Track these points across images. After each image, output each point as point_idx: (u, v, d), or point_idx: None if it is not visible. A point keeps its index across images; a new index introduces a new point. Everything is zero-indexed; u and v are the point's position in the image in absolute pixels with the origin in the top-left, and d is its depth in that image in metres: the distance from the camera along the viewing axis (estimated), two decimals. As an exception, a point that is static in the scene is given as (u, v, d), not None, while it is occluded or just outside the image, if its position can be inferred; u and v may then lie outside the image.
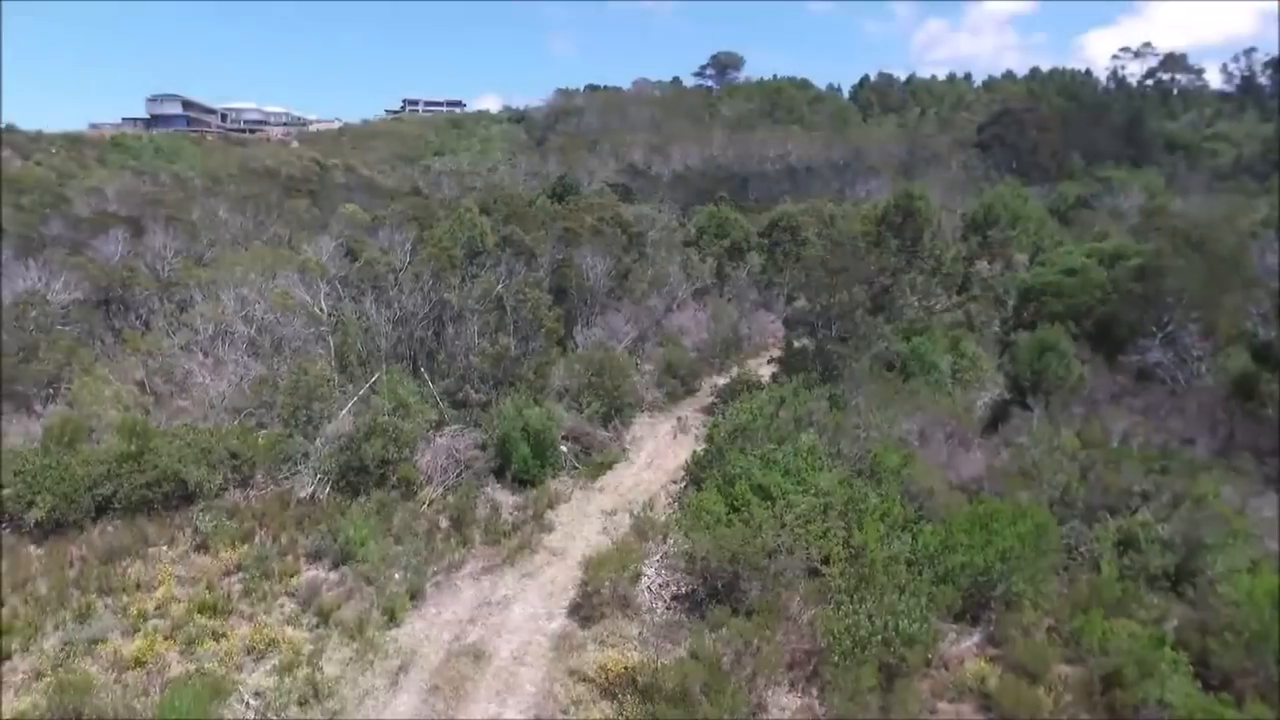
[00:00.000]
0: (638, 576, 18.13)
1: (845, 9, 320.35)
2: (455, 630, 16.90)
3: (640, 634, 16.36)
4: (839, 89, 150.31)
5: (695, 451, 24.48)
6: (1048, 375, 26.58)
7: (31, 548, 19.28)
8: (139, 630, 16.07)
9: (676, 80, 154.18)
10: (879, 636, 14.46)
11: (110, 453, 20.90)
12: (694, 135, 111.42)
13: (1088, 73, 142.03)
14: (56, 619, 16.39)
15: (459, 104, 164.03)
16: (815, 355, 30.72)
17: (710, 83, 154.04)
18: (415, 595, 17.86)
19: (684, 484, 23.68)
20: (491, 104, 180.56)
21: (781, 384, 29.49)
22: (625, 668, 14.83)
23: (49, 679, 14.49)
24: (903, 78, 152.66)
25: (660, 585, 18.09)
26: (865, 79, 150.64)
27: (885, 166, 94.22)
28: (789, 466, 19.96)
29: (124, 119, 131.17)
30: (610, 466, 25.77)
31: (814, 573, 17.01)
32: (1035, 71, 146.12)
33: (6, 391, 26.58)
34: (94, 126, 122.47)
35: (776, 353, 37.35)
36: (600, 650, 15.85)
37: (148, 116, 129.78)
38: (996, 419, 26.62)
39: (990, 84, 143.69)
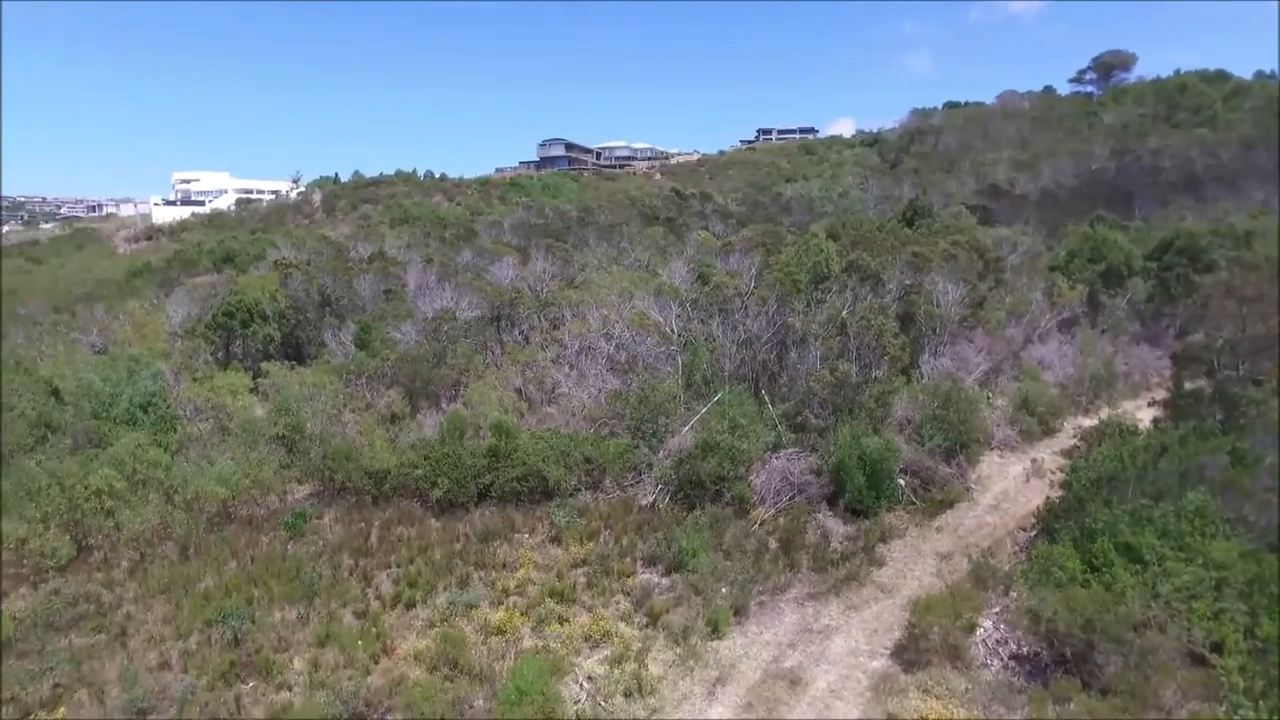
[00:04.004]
0: (972, 628, 16.76)
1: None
2: (774, 652, 17.01)
3: (968, 690, 15.10)
4: (1272, 76, 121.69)
5: (1049, 498, 22.04)
6: None
7: (432, 520, 23.35)
8: (502, 604, 18.73)
9: (1049, 89, 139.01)
10: (1288, 753, 11.78)
11: (488, 448, 24.46)
12: (1068, 148, 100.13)
13: None
14: (445, 582, 19.82)
15: (811, 131, 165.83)
16: (1213, 398, 25.95)
17: (1091, 89, 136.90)
18: (739, 611, 18.35)
19: (1034, 533, 21.43)
20: (845, 129, 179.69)
21: (1164, 430, 25.38)
22: (950, 723, 13.81)
23: (437, 630, 17.64)
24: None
25: (997, 641, 16.53)
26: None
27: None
28: (1167, 528, 17.13)
29: (520, 162, 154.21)
30: (950, 505, 24.15)
31: (1198, 660, 14.36)
32: None
33: (424, 390, 32.29)
34: (499, 170, 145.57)
35: (1160, 394, 32.24)
36: (923, 699, 14.92)
37: (538, 159, 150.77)
38: None
39: None
